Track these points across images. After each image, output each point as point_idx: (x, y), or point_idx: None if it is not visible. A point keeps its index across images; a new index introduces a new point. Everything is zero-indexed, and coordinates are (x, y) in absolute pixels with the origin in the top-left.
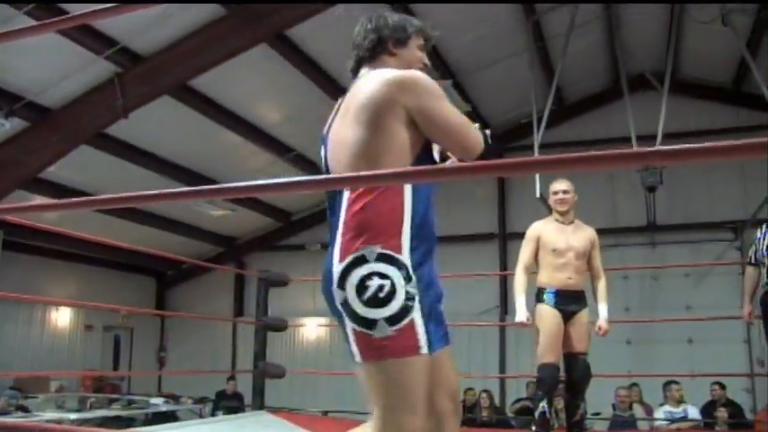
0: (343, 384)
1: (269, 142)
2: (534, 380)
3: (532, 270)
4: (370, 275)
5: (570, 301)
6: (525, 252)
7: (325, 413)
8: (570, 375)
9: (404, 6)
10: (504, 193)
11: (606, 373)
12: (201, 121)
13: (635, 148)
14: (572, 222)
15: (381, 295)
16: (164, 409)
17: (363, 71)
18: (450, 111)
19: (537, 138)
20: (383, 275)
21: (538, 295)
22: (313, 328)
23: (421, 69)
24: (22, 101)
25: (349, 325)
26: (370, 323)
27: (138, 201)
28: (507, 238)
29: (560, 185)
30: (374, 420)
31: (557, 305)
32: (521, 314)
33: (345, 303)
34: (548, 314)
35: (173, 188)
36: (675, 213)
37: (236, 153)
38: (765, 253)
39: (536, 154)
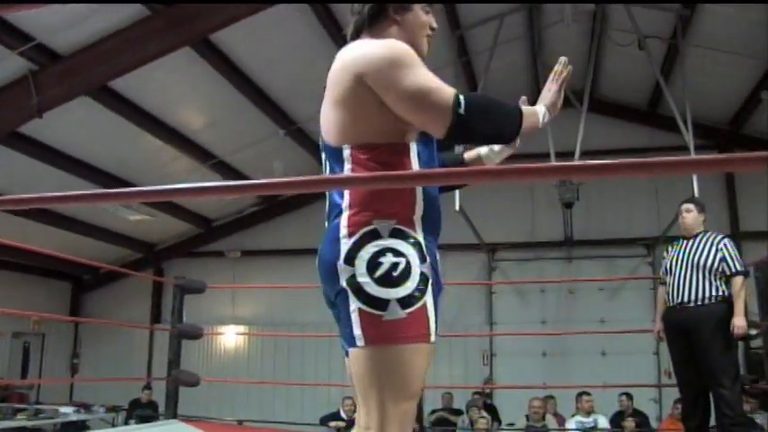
0: (260, 394)
1: (191, 148)
2: (448, 391)
3: None
4: (383, 251)
5: None
6: None
7: (241, 422)
8: None
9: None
10: None
11: (521, 385)
12: (121, 123)
13: (554, 163)
14: None
15: (395, 274)
16: (74, 418)
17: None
18: (409, 79)
19: (459, 150)
20: (398, 253)
21: None
22: (231, 337)
23: (428, 36)
24: None
25: (354, 305)
26: (381, 303)
27: (69, 201)
28: None
29: None
30: (371, 410)
31: None
32: None
33: (353, 280)
34: None
35: (88, 190)
36: (592, 229)
37: (157, 158)
38: (666, 272)
39: None
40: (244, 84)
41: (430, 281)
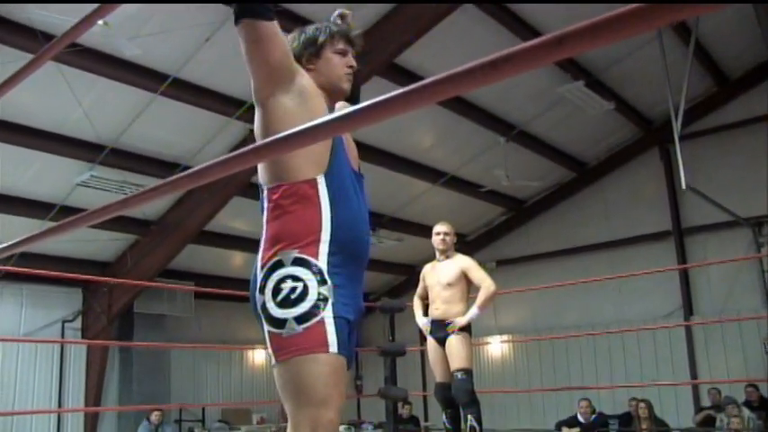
0: (530, 400)
1: (420, 171)
2: (715, 386)
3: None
4: (284, 278)
5: (439, 329)
6: (418, 288)
7: None
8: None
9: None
10: (675, 189)
11: None
12: None
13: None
14: (448, 258)
15: (293, 296)
16: None
17: None
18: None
19: (677, 126)
20: (296, 278)
21: None
22: (497, 346)
23: (348, 75)
24: (179, 167)
25: (266, 327)
26: (280, 323)
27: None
28: (684, 234)
29: (441, 227)
30: (289, 419)
31: (431, 333)
32: (420, 322)
33: (264, 306)
34: (428, 343)
35: None
36: None
37: (389, 185)
38: None
39: (677, 145)
40: (449, 101)
41: (330, 300)
